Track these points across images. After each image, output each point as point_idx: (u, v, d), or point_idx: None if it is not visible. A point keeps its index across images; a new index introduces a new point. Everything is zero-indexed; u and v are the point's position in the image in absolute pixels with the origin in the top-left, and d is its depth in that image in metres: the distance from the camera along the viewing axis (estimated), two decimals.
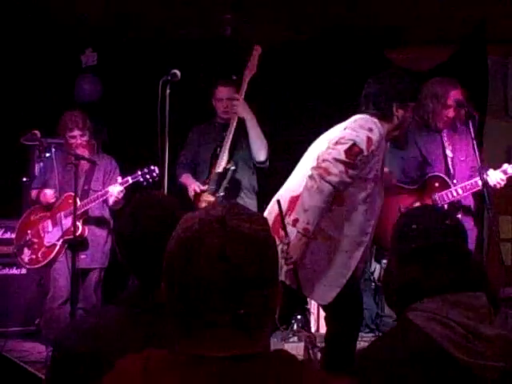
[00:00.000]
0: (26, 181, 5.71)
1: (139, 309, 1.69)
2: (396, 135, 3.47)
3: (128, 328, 1.65)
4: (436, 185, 4.28)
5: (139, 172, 4.65)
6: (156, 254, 1.33)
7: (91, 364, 1.58)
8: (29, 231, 4.87)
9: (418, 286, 1.66)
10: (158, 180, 4.47)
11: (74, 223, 4.45)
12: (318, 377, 1.22)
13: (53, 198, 4.79)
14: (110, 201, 4.72)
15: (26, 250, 4.84)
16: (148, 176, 4.61)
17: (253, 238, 1.19)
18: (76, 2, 5.43)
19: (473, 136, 3.91)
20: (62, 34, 5.86)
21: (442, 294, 1.63)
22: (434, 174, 4.31)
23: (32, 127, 4.72)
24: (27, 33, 5.73)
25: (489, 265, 4.96)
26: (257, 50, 4.71)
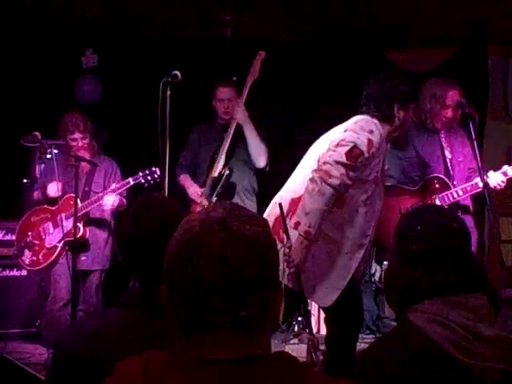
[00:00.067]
0: (26, 182, 5.70)
1: (140, 310, 1.69)
2: (396, 136, 3.47)
3: (128, 330, 1.65)
4: (436, 186, 4.28)
5: (140, 173, 4.65)
6: (157, 256, 1.34)
7: (91, 366, 1.58)
8: (29, 233, 4.86)
9: (419, 286, 1.66)
10: (159, 181, 4.48)
11: (75, 225, 4.45)
12: (318, 379, 1.22)
13: (56, 192, 4.75)
14: (106, 211, 4.74)
15: (26, 251, 4.83)
16: (149, 177, 4.61)
17: (253, 240, 1.19)
18: (76, 3, 5.43)
19: (473, 137, 3.91)
20: (62, 35, 5.86)
21: (443, 295, 1.63)
22: (434, 175, 4.31)
23: (32, 128, 4.72)
24: (27, 33, 5.72)
25: (489, 266, 4.95)
26: (260, 56, 4.71)
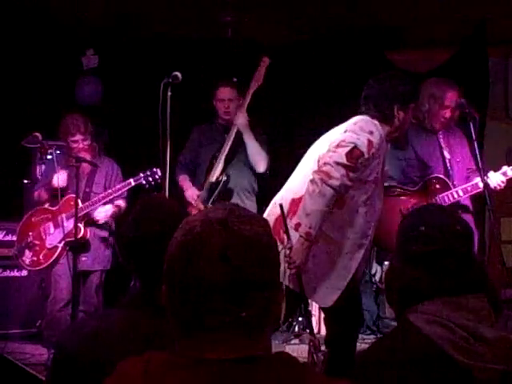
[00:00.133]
0: (27, 183, 5.70)
1: (140, 311, 1.69)
2: (396, 136, 3.47)
3: (129, 330, 1.65)
4: (437, 186, 4.28)
5: (141, 174, 4.65)
6: (158, 256, 1.34)
7: (92, 366, 1.58)
8: (30, 233, 4.86)
9: (420, 287, 1.65)
10: (160, 182, 4.48)
11: (76, 225, 4.46)
12: (318, 379, 1.22)
13: (62, 181, 4.69)
14: (100, 221, 4.77)
15: (27, 251, 4.83)
16: (150, 178, 4.62)
17: (254, 240, 1.19)
18: (76, 3, 5.43)
19: (474, 137, 3.90)
20: (62, 36, 5.87)
21: (443, 296, 1.63)
22: (434, 176, 4.31)
23: (33, 129, 4.72)
24: (27, 34, 5.72)
25: (490, 266, 4.95)
26: (264, 62, 4.70)
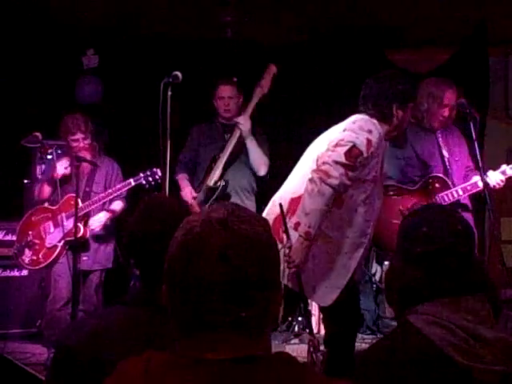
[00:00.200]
0: (27, 183, 5.70)
1: (140, 310, 1.70)
2: (394, 135, 3.47)
3: (129, 329, 1.65)
4: (436, 186, 4.28)
5: (141, 174, 4.66)
6: (159, 256, 1.33)
7: (92, 365, 1.58)
8: (30, 232, 4.86)
9: (421, 287, 1.65)
10: (160, 182, 4.48)
11: (76, 225, 4.46)
12: (318, 379, 1.22)
13: (66, 169, 4.69)
14: (96, 229, 4.78)
15: (26, 250, 4.83)
16: (150, 178, 4.62)
17: (254, 240, 1.19)
18: (76, 3, 5.43)
19: (474, 137, 3.90)
20: (62, 35, 5.87)
21: (443, 297, 1.62)
22: (434, 175, 4.30)
23: (33, 129, 4.72)
24: (28, 34, 5.72)
25: (490, 266, 4.95)
26: (271, 70, 4.68)
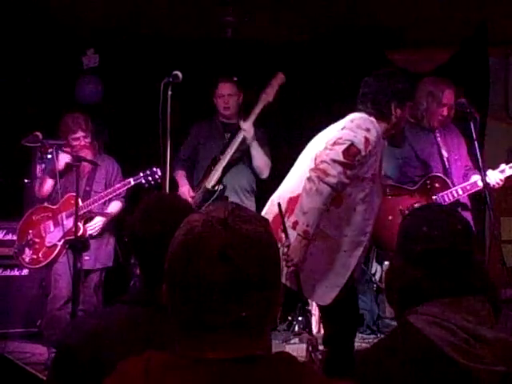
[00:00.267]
0: (27, 182, 5.70)
1: (141, 309, 1.70)
2: (392, 133, 3.47)
3: (129, 329, 1.65)
4: (436, 185, 4.28)
5: (141, 174, 4.66)
6: (160, 256, 1.33)
7: (93, 365, 1.58)
8: (30, 231, 4.86)
9: (421, 287, 1.65)
10: (159, 182, 4.48)
11: (76, 224, 4.46)
12: (318, 379, 1.22)
13: (68, 159, 4.68)
14: (93, 234, 4.79)
15: (27, 250, 4.83)
16: (150, 178, 4.62)
17: (255, 240, 1.19)
18: (76, 3, 5.43)
19: (474, 137, 3.90)
20: (62, 35, 5.87)
21: (444, 297, 1.62)
22: (433, 175, 4.30)
23: (33, 129, 4.72)
24: (28, 34, 5.72)
25: (490, 266, 4.95)
26: (278, 78, 4.66)
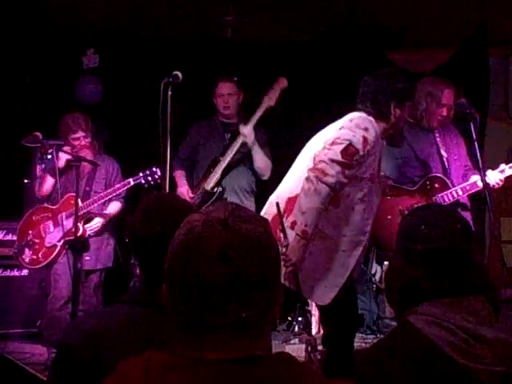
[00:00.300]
0: (27, 182, 5.70)
1: (141, 309, 1.70)
2: (391, 133, 3.47)
3: (129, 329, 1.65)
4: (436, 186, 4.27)
5: (141, 174, 4.66)
6: (161, 256, 1.33)
7: (93, 365, 1.59)
8: (30, 231, 4.85)
9: (421, 287, 1.65)
10: (159, 182, 4.48)
11: (76, 224, 4.45)
12: (318, 379, 1.22)
13: (68, 156, 4.69)
14: (93, 231, 4.79)
15: (26, 250, 4.83)
16: (150, 178, 4.62)
17: (255, 240, 1.19)
18: (76, 3, 5.43)
19: (474, 138, 3.90)
20: (62, 35, 5.87)
21: (443, 297, 1.62)
22: (433, 175, 4.30)
23: (33, 129, 4.72)
24: (28, 34, 5.72)
25: (490, 266, 4.95)
26: (280, 83, 4.66)
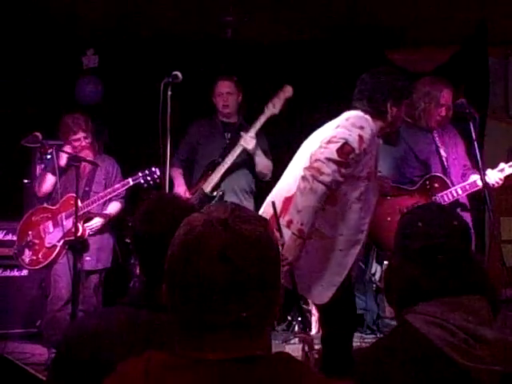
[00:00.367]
0: (27, 183, 5.70)
1: (141, 309, 1.69)
2: (388, 132, 3.47)
3: (129, 329, 1.65)
4: (436, 185, 4.27)
5: (140, 174, 4.65)
6: (161, 256, 1.33)
7: (93, 365, 1.59)
8: (30, 232, 4.85)
9: (419, 285, 1.65)
10: (158, 182, 4.48)
11: (76, 225, 4.45)
12: (318, 379, 1.22)
13: (71, 150, 4.70)
14: (93, 230, 4.80)
15: (26, 250, 4.82)
16: (149, 178, 4.62)
17: (255, 240, 1.20)
18: (76, 3, 5.43)
19: (474, 137, 3.90)
20: (62, 35, 5.87)
21: (442, 296, 1.62)
22: (433, 175, 4.30)
23: (33, 129, 4.72)
24: (27, 34, 5.72)
25: (490, 266, 4.95)
26: (286, 91, 4.65)
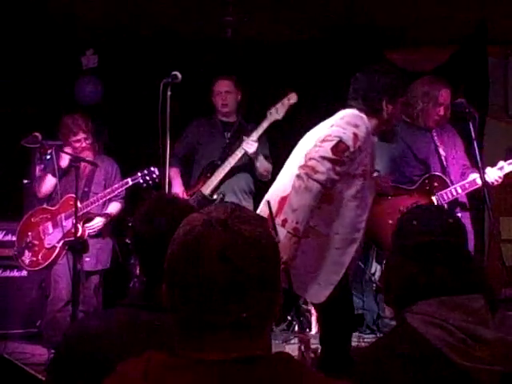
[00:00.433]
0: (26, 183, 5.70)
1: (141, 310, 1.70)
2: (383, 129, 3.47)
3: (129, 330, 1.65)
4: (435, 184, 4.28)
5: (139, 174, 4.65)
6: (161, 256, 1.33)
7: (93, 366, 1.59)
8: (29, 233, 4.86)
9: (417, 283, 1.65)
10: (158, 181, 4.48)
11: (76, 225, 4.45)
12: (318, 379, 1.22)
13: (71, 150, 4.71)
14: (92, 233, 4.80)
15: (26, 252, 4.83)
16: (148, 178, 4.62)
17: (254, 240, 1.20)
18: (76, 3, 5.43)
19: (473, 137, 3.90)
20: (62, 35, 5.87)
21: (440, 295, 1.62)
22: (431, 174, 4.31)
23: (33, 129, 4.72)
24: (27, 34, 5.72)
25: (490, 265, 4.95)
26: (291, 98, 4.66)
